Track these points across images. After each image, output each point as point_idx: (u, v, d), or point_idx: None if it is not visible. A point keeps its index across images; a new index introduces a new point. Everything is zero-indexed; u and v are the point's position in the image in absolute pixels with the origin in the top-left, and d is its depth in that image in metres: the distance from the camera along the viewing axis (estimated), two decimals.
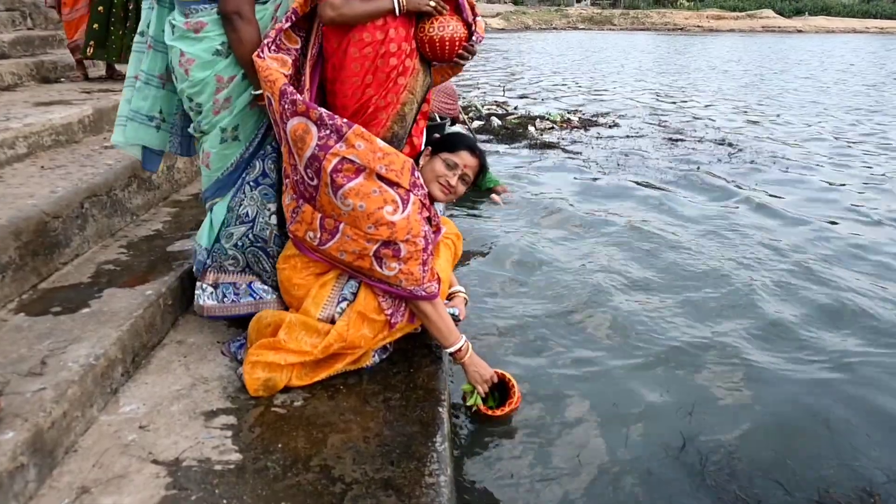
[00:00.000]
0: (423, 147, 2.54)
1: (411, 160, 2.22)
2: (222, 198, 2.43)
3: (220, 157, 2.38)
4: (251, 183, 2.41)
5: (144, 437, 1.90)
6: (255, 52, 2.19)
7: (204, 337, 2.48)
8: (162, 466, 1.79)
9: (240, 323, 2.50)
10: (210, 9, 2.21)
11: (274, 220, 2.44)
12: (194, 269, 2.53)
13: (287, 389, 2.17)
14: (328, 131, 2.09)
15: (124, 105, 2.49)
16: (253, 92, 2.28)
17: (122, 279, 2.50)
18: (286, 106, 2.11)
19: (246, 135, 2.36)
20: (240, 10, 2.16)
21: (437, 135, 2.71)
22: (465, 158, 2.36)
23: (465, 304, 2.69)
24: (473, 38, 2.37)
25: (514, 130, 8.42)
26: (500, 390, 2.45)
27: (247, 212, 2.42)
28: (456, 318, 2.54)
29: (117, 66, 5.12)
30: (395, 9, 2.20)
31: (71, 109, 3.63)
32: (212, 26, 2.22)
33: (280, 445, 1.90)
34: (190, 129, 2.44)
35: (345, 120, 2.11)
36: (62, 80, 4.81)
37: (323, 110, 2.10)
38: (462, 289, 2.72)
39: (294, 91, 2.11)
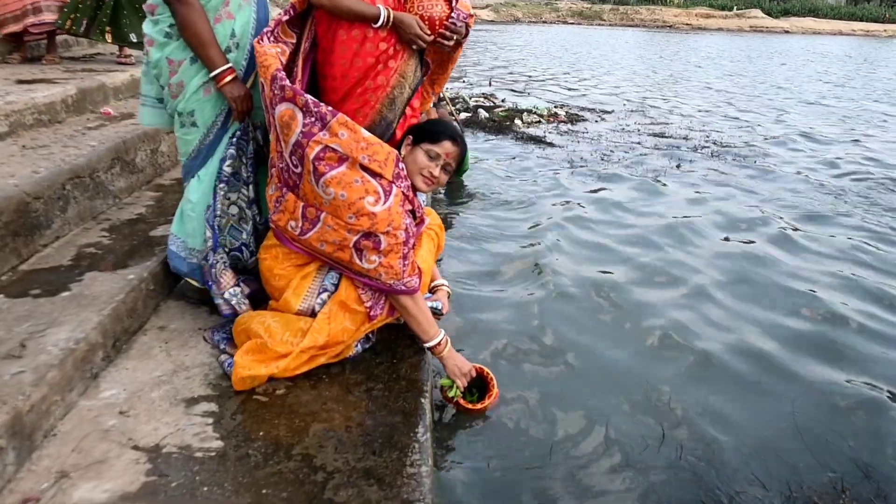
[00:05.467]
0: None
1: (396, 151, 2.21)
2: (196, 178, 2.42)
3: (184, 143, 2.39)
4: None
5: (125, 422, 1.89)
6: (256, 39, 2.24)
7: (186, 323, 2.47)
8: (142, 452, 1.78)
9: None
10: None
11: (238, 210, 2.44)
12: (172, 266, 2.50)
13: (270, 378, 2.16)
14: (313, 119, 2.09)
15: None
16: (209, 75, 2.27)
17: (104, 262, 2.47)
18: (276, 91, 2.12)
19: (203, 121, 2.35)
20: None
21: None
22: (447, 148, 2.34)
23: (449, 297, 2.69)
24: (454, 14, 2.36)
25: (501, 123, 8.42)
26: (478, 385, 2.45)
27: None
28: (439, 312, 2.53)
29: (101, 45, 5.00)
30: (380, 18, 2.21)
31: (54, 88, 3.58)
32: (161, 8, 2.24)
33: (262, 433, 1.90)
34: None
35: (330, 108, 2.10)
36: (43, 61, 4.71)
37: (309, 97, 2.10)
38: (445, 282, 2.72)
39: (284, 77, 2.12)
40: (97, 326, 2.06)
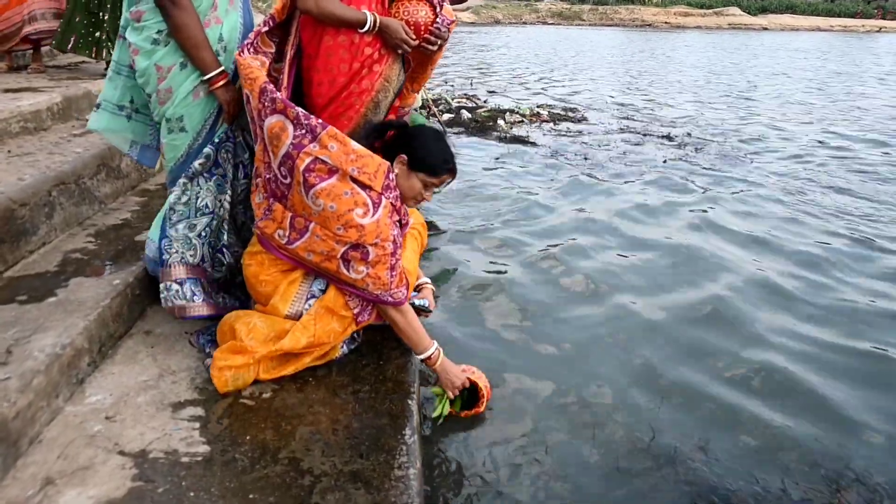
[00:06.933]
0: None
1: (387, 163, 2.19)
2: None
3: (171, 148, 2.38)
4: (205, 175, 2.39)
5: (110, 428, 1.89)
6: (237, 52, 2.23)
7: (172, 327, 2.46)
8: (128, 458, 1.78)
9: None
10: None
11: (224, 212, 2.44)
12: (149, 270, 2.49)
13: (255, 382, 2.16)
14: (303, 131, 2.09)
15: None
16: (202, 78, 2.27)
17: (90, 267, 2.47)
18: (266, 103, 2.12)
19: (192, 125, 2.34)
20: None
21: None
22: (444, 179, 2.36)
23: (434, 294, 2.71)
24: (439, 20, 2.38)
25: (483, 124, 8.43)
26: (470, 391, 2.46)
27: (206, 203, 2.40)
28: (426, 310, 2.55)
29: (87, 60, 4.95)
30: (366, 24, 2.23)
31: (39, 97, 3.58)
32: (149, 14, 2.22)
33: (248, 437, 1.90)
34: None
35: (320, 121, 2.10)
36: (29, 70, 4.70)
37: (300, 110, 2.10)
38: (429, 280, 2.73)
39: (274, 89, 2.12)
40: (83, 332, 2.06)
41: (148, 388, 2.09)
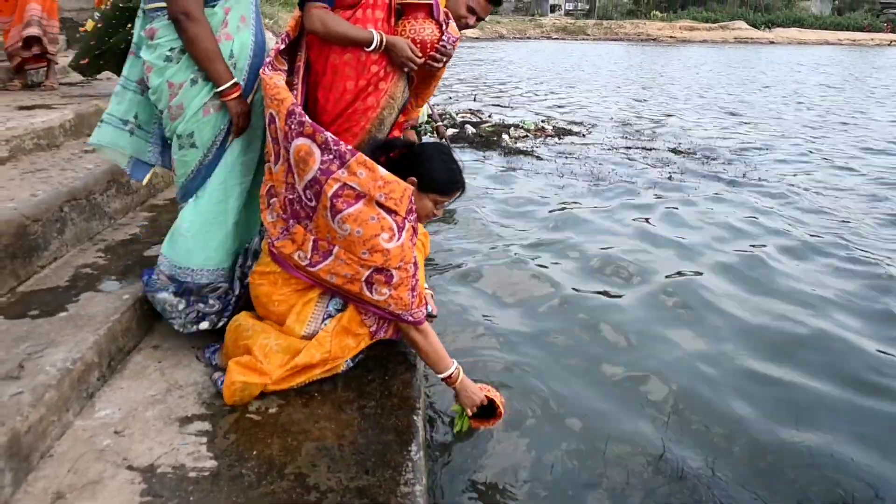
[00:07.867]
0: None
1: (411, 187, 2.18)
2: (194, 198, 2.43)
3: (181, 164, 2.40)
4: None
5: (119, 442, 1.91)
6: (262, 70, 2.26)
7: (179, 342, 2.48)
8: (136, 472, 1.80)
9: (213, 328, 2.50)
10: (162, 15, 2.24)
11: None
12: (143, 282, 2.49)
13: (262, 395, 2.18)
14: (331, 156, 2.08)
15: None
16: (215, 90, 2.29)
17: (99, 283, 2.50)
18: (293, 126, 2.12)
19: (203, 141, 2.36)
20: (187, 11, 2.18)
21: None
22: (454, 196, 2.37)
23: (433, 297, 2.74)
24: (445, 37, 2.41)
25: (488, 138, 8.48)
26: (486, 406, 2.46)
27: None
28: (430, 315, 2.56)
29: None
30: (373, 43, 2.26)
31: (52, 114, 3.65)
32: (162, 31, 2.25)
33: (255, 452, 1.91)
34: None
35: (348, 147, 2.10)
36: (42, 87, 4.79)
37: (329, 135, 2.09)
38: (427, 286, 2.75)
39: (302, 112, 2.12)
40: (93, 346, 2.09)
41: (156, 403, 2.11)
